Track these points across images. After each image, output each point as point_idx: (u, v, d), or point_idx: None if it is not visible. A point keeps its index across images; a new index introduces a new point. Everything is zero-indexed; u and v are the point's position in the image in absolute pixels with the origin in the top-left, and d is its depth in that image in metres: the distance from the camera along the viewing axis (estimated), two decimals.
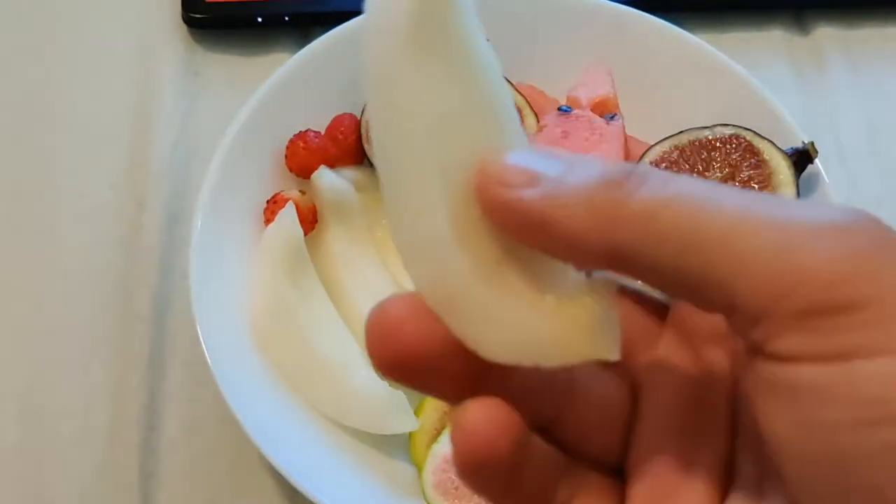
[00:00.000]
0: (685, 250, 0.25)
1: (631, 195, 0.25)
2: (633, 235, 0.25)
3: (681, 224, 0.25)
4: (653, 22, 0.72)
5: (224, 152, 0.65)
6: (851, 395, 0.24)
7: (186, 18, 0.79)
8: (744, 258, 0.24)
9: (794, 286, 0.24)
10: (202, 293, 0.61)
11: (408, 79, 0.27)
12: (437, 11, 0.26)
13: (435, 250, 0.27)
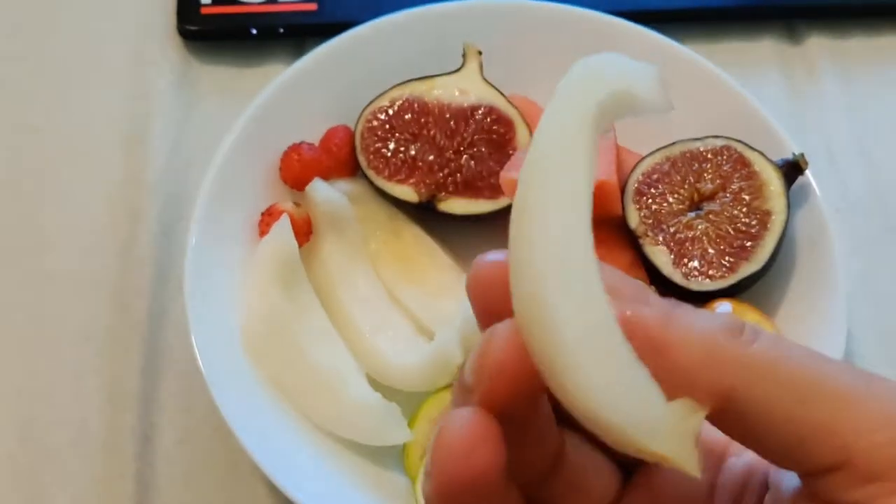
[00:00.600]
0: (804, 400, 0.26)
1: (750, 344, 0.26)
2: (751, 381, 0.26)
3: (803, 375, 0.26)
4: (644, 33, 0.73)
5: (219, 164, 0.65)
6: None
7: (181, 30, 0.80)
8: (868, 417, 0.26)
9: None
10: (197, 305, 0.61)
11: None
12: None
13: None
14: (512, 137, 0.70)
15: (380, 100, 0.70)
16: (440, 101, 0.70)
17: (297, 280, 0.64)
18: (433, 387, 0.62)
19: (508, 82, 0.72)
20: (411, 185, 0.68)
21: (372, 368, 0.64)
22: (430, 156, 0.69)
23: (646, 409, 0.25)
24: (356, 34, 0.71)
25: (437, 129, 0.69)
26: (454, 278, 0.67)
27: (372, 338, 0.65)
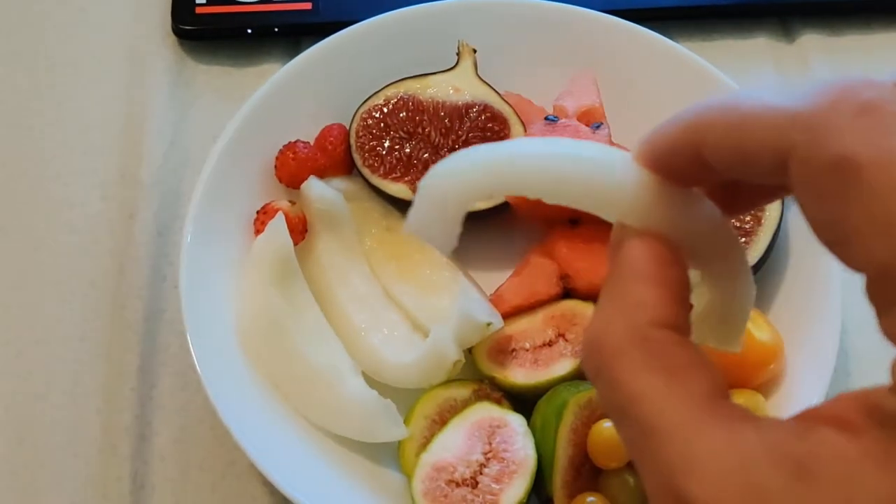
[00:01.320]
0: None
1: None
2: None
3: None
4: (638, 31, 0.73)
5: (214, 163, 0.66)
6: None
7: (176, 30, 0.80)
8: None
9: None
10: (192, 303, 0.61)
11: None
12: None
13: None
14: (507, 135, 0.70)
15: (374, 98, 0.70)
16: (435, 99, 0.70)
17: (293, 278, 0.65)
18: (428, 384, 0.62)
19: (503, 80, 0.72)
20: (406, 183, 0.68)
21: (367, 366, 0.64)
22: (424, 154, 0.69)
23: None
24: (351, 33, 0.71)
25: (431, 127, 0.70)
26: (449, 276, 0.67)
27: (367, 335, 0.65)
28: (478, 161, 0.35)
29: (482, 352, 0.64)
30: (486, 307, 0.64)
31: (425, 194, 0.35)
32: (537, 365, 0.63)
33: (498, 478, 0.57)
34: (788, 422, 0.29)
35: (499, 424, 0.60)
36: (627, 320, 0.31)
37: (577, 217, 0.68)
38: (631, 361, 0.31)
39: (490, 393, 0.63)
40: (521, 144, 0.35)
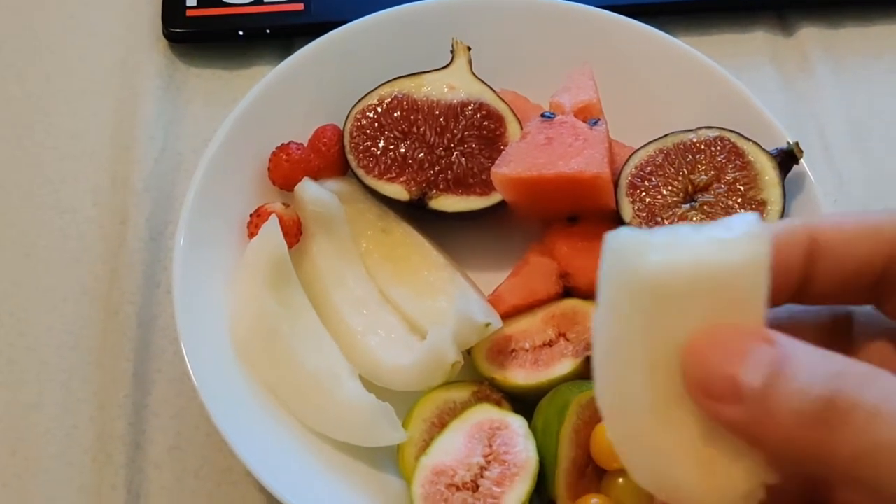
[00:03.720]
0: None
1: (834, 438, 0.30)
2: (838, 476, 0.30)
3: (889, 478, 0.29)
4: (635, 26, 0.72)
5: (205, 166, 0.65)
6: None
7: (167, 33, 0.79)
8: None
9: None
10: (186, 309, 0.60)
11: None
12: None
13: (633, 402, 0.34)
14: (503, 133, 0.69)
15: (368, 98, 0.69)
16: (429, 98, 0.69)
17: (288, 281, 0.63)
18: (427, 386, 0.61)
19: (498, 78, 0.71)
20: (401, 184, 0.67)
21: (365, 369, 0.63)
22: (420, 153, 0.68)
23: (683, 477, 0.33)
24: (343, 32, 0.71)
25: (426, 127, 0.68)
26: (446, 277, 0.66)
27: (364, 338, 0.64)
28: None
29: (481, 353, 0.63)
30: (484, 307, 0.63)
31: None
32: (538, 365, 0.62)
33: (499, 481, 0.56)
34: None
35: (499, 426, 0.58)
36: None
37: (576, 215, 0.67)
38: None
39: (490, 394, 0.62)
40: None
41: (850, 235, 0.36)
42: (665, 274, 0.32)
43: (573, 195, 0.64)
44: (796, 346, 0.32)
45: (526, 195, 0.65)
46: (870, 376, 0.31)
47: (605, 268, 0.34)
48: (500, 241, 0.69)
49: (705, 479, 0.33)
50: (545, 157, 0.64)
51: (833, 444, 0.30)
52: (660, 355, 0.33)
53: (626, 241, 0.33)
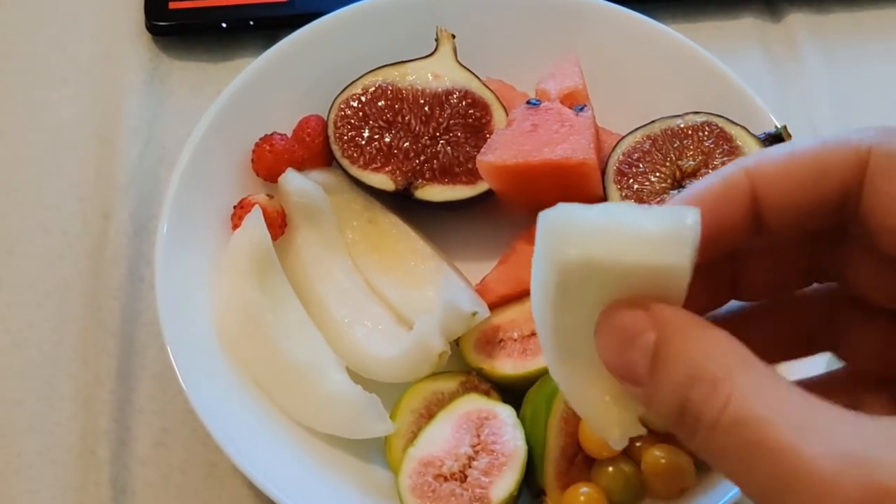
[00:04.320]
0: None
1: (692, 439, 0.33)
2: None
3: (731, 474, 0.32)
4: (622, 13, 0.71)
5: (188, 158, 0.64)
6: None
7: (149, 26, 0.78)
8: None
9: None
10: (169, 303, 0.59)
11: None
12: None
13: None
14: (489, 121, 0.68)
15: (352, 87, 0.68)
16: (414, 87, 0.68)
17: (272, 273, 0.63)
18: (414, 377, 0.60)
19: (484, 66, 0.70)
20: (387, 174, 0.66)
21: (351, 361, 0.62)
22: (405, 143, 0.67)
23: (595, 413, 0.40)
24: (326, 21, 0.70)
25: (411, 115, 0.68)
26: (433, 267, 0.66)
27: (350, 330, 0.63)
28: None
29: (469, 343, 0.62)
30: (471, 296, 0.62)
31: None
32: (526, 355, 0.61)
33: (487, 471, 0.55)
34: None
35: (487, 416, 0.58)
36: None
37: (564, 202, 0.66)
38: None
39: (478, 384, 0.61)
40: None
41: (794, 187, 0.36)
42: (579, 267, 0.34)
43: (560, 182, 0.63)
44: (673, 329, 0.34)
45: (512, 183, 0.64)
46: (718, 382, 0.32)
47: (537, 243, 0.36)
48: (487, 230, 0.69)
49: (601, 410, 0.39)
50: (531, 144, 0.63)
51: (692, 443, 0.33)
52: (566, 327, 0.37)
53: (554, 225, 0.35)
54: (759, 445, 0.31)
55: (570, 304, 0.36)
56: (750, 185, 0.37)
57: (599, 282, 0.35)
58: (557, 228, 0.35)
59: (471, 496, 0.54)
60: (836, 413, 0.31)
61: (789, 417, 0.31)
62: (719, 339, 0.34)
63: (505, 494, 0.54)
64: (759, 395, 0.32)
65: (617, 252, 0.34)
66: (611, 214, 0.34)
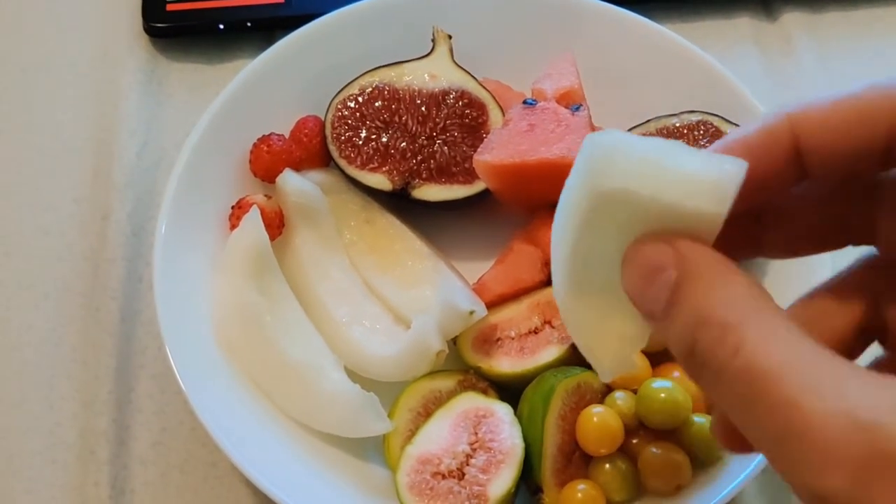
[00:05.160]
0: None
1: (699, 378, 0.33)
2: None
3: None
4: (616, 12, 0.72)
5: (186, 159, 0.64)
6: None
7: (147, 28, 0.78)
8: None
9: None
10: (168, 303, 0.60)
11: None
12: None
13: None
14: (485, 121, 0.68)
15: (349, 88, 0.69)
16: (411, 87, 0.69)
17: (270, 273, 0.63)
18: (412, 376, 0.61)
19: (481, 66, 0.70)
20: (384, 174, 0.67)
21: (349, 360, 0.62)
22: (402, 143, 0.67)
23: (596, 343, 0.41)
24: (323, 22, 0.70)
25: (408, 116, 0.68)
26: (430, 266, 0.66)
27: (348, 329, 0.63)
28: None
29: (467, 342, 0.63)
30: (468, 295, 0.62)
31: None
32: (523, 353, 0.62)
33: (485, 468, 0.56)
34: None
35: (485, 414, 0.58)
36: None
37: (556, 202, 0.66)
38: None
39: (476, 383, 0.61)
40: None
41: (839, 119, 0.35)
42: (616, 197, 0.34)
43: (556, 181, 0.63)
44: (694, 270, 0.34)
45: (509, 182, 0.65)
46: (728, 328, 0.32)
47: (577, 163, 0.36)
48: (484, 229, 0.69)
49: (599, 340, 0.40)
50: (527, 143, 0.64)
51: (699, 382, 0.33)
52: (587, 252, 0.37)
53: (599, 150, 0.35)
54: (765, 396, 0.31)
55: (597, 230, 0.36)
56: (792, 132, 0.36)
57: (632, 214, 0.35)
58: (602, 154, 0.34)
59: (468, 493, 0.55)
60: (846, 370, 0.31)
61: (799, 371, 0.31)
62: (739, 283, 0.33)
63: (502, 492, 0.55)
64: (771, 345, 0.31)
65: (657, 189, 0.34)
66: (658, 150, 0.34)
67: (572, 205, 0.37)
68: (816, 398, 0.30)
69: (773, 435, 0.31)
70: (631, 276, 0.36)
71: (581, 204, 0.36)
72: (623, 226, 0.36)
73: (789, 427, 0.30)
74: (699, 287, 0.33)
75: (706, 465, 0.57)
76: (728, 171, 0.34)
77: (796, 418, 0.30)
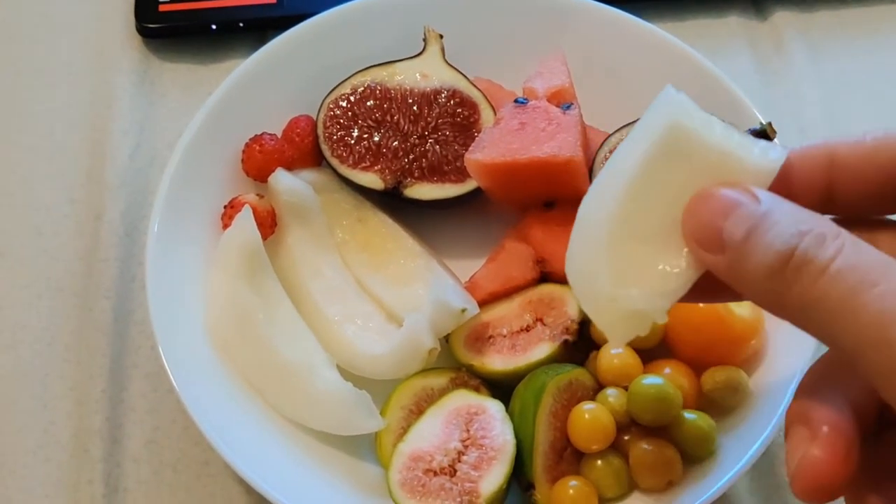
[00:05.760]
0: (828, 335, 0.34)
1: (789, 290, 0.34)
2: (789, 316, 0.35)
3: (828, 321, 0.33)
4: (606, 11, 0.72)
5: (179, 158, 0.64)
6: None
7: (140, 28, 0.79)
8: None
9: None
10: (160, 302, 0.60)
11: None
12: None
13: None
14: (477, 120, 0.69)
15: (341, 87, 0.69)
16: (402, 86, 0.69)
17: (263, 272, 0.63)
18: (404, 374, 0.61)
19: (472, 66, 0.71)
20: (376, 173, 0.67)
21: (342, 358, 0.62)
22: (394, 142, 0.68)
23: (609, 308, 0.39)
24: (315, 22, 0.70)
25: (400, 115, 0.68)
26: (422, 264, 0.66)
27: (341, 328, 0.63)
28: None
29: (459, 340, 0.63)
30: (460, 293, 0.62)
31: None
32: (515, 350, 0.62)
33: (476, 465, 0.56)
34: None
35: (476, 411, 0.58)
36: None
37: (552, 200, 0.67)
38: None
39: (468, 380, 0.61)
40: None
41: (869, 149, 0.38)
42: (692, 135, 0.37)
43: (547, 180, 0.64)
44: (778, 204, 0.36)
45: (500, 181, 0.65)
46: (828, 236, 0.34)
47: (650, 110, 0.39)
48: (476, 228, 0.69)
49: (618, 284, 0.39)
50: (518, 142, 0.64)
51: (787, 295, 0.34)
52: (644, 187, 0.38)
53: (680, 98, 0.38)
54: (870, 289, 0.32)
55: (661, 168, 0.38)
56: (827, 154, 0.39)
57: (695, 163, 0.37)
58: (679, 100, 0.38)
59: (460, 490, 0.55)
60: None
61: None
62: (823, 216, 0.35)
63: (494, 488, 0.55)
64: (869, 247, 0.34)
65: (723, 137, 0.37)
66: (719, 122, 0.38)
67: (641, 139, 0.38)
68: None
69: (882, 323, 0.32)
70: (704, 211, 0.37)
71: (655, 137, 0.38)
72: (687, 172, 0.37)
73: (882, 329, 0.31)
74: (788, 212, 0.35)
75: (697, 461, 0.58)
76: (775, 146, 0.38)
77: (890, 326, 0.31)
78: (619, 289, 0.39)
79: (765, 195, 0.36)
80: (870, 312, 0.32)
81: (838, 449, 0.36)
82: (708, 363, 0.61)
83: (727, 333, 0.61)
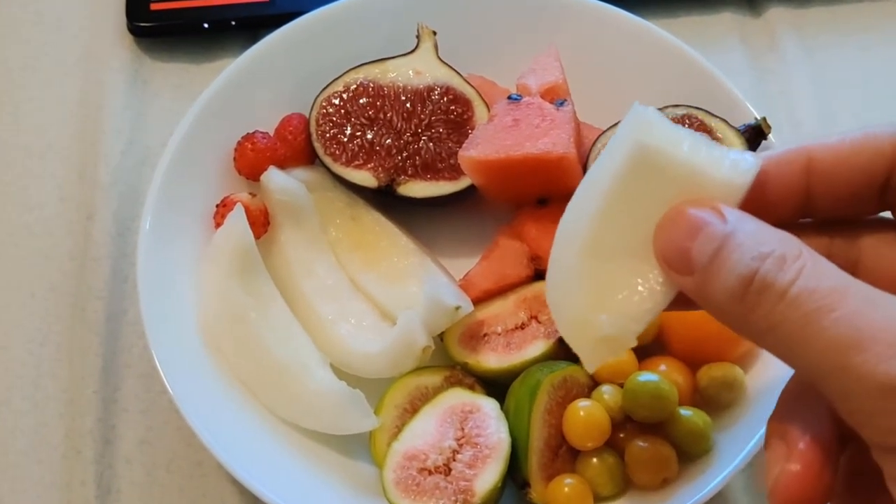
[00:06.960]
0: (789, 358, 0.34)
1: (752, 313, 0.34)
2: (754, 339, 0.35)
3: (788, 345, 0.34)
4: (600, 7, 0.72)
5: (170, 157, 0.64)
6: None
7: (131, 27, 0.78)
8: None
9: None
10: (152, 302, 0.59)
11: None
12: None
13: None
14: (470, 116, 0.68)
15: (334, 85, 0.69)
16: (395, 84, 0.69)
17: (255, 271, 0.63)
18: (398, 372, 0.61)
19: (465, 62, 0.70)
20: (369, 170, 0.67)
21: (336, 357, 0.62)
22: (387, 139, 0.67)
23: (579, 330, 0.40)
24: (307, 19, 0.70)
25: (393, 112, 0.68)
26: (416, 262, 0.66)
27: (335, 326, 0.63)
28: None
29: (453, 338, 0.62)
30: (454, 291, 0.62)
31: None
32: (510, 348, 0.62)
33: (471, 463, 0.56)
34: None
35: (471, 410, 0.58)
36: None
37: (546, 197, 0.66)
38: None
39: (462, 379, 0.61)
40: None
41: (847, 150, 0.38)
42: (658, 153, 0.37)
43: (541, 176, 0.64)
44: (742, 223, 0.35)
45: (494, 178, 0.64)
46: (788, 258, 0.34)
47: (620, 128, 0.39)
48: (470, 225, 0.69)
49: (589, 309, 0.39)
50: (512, 138, 0.64)
51: (751, 318, 0.34)
52: (615, 216, 0.38)
53: (644, 116, 0.38)
54: (831, 311, 0.32)
55: (631, 189, 0.37)
56: (808, 156, 0.38)
57: (665, 181, 0.37)
58: (647, 119, 0.38)
59: (455, 489, 0.55)
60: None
61: (861, 288, 0.33)
62: (788, 234, 0.35)
63: (489, 486, 0.54)
64: (831, 269, 0.34)
65: (691, 154, 0.37)
66: (689, 135, 0.38)
67: (607, 167, 0.38)
68: (882, 308, 0.32)
69: (839, 348, 0.32)
70: (671, 231, 0.36)
71: (620, 161, 0.37)
72: (655, 191, 0.37)
73: (858, 336, 0.31)
74: (751, 233, 0.35)
75: (693, 458, 0.57)
76: (748, 156, 0.37)
77: (864, 326, 0.31)
78: (590, 314, 0.39)
79: (731, 213, 0.36)
80: (827, 338, 0.32)
81: (814, 463, 0.36)
82: (703, 360, 0.60)
83: (723, 330, 0.60)
